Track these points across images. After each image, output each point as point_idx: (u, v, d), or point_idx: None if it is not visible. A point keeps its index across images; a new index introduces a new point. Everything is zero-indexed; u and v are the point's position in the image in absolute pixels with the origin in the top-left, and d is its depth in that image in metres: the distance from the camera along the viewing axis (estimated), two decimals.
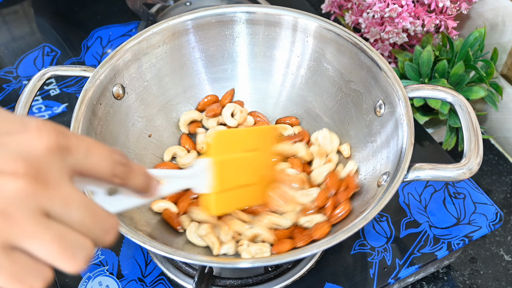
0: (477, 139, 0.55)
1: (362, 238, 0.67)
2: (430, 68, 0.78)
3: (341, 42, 0.66)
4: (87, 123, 0.60)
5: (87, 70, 0.64)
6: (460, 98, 0.58)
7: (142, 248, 0.66)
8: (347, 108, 0.68)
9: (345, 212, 0.59)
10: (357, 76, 0.66)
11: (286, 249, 0.57)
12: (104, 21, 0.96)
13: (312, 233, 0.58)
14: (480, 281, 0.71)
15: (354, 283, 0.63)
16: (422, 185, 0.71)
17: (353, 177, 0.63)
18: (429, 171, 0.54)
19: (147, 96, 0.69)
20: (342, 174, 0.64)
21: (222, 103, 0.72)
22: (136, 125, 0.67)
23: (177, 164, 0.67)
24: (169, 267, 0.64)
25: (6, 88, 0.86)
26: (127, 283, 0.64)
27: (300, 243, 0.58)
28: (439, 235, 0.67)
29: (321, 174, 0.64)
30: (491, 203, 0.69)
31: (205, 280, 0.60)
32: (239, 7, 0.70)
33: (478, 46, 0.78)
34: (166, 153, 0.68)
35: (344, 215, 0.59)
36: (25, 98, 0.61)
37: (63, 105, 0.83)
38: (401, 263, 0.64)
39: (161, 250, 0.51)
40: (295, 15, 0.68)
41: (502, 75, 0.84)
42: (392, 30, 0.79)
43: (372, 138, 0.64)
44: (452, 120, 0.77)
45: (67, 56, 0.91)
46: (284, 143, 0.67)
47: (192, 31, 0.70)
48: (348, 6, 0.89)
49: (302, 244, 0.58)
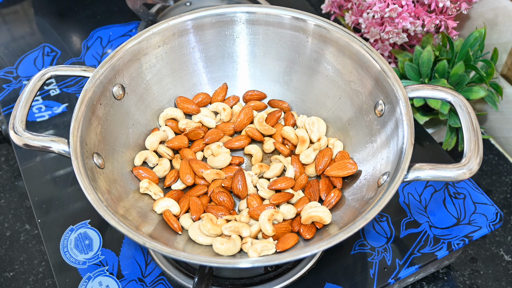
0: (477, 139, 0.55)
1: (362, 238, 0.67)
2: (430, 68, 0.78)
3: (341, 42, 0.66)
4: (87, 123, 0.60)
5: (87, 70, 0.64)
6: (460, 98, 0.58)
7: (142, 248, 0.66)
8: (347, 108, 0.68)
9: (337, 198, 0.61)
10: (357, 76, 0.66)
11: (291, 244, 0.57)
12: (104, 21, 0.96)
13: (316, 223, 0.59)
14: (480, 281, 0.71)
15: (354, 283, 0.63)
16: (422, 185, 0.71)
17: (345, 154, 0.65)
18: (429, 171, 0.54)
19: (147, 96, 0.69)
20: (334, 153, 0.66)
21: (214, 100, 0.72)
22: (136, 125, 0.67)
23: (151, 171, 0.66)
24: (169, 267, 0.64)
25: (6, 88, 0.86)
26: (127, 283, 0.64)
27: (308, 234, 0.58)
28: (439, 235, 0.67)
29: (309, 156, 0.65)
30: (491, 203, 0.69)
31: (205, 280, 0.60)
32: (239, 7, 0.70)
33: (478, 46, 0.78)
34: (137, 157, 0.66)
35: (337, 200, 0.61)
36: (25, 98, 0.61)
37: (63, 105, 0.83)
38: (401, 263, 0.64)
39: (161, 250, 0.51)
40: (295, 15, 0.68)
41: (502, 75, 0.84)
42: (392, 30, 0.79)
43: (372, 138, 0.64)
44: (452, 120, 0.77)
45: (67, 56, 0.91)
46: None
47: (192, 31, 0.70)
48: (348, 6, 0.89)
49: (310, 236, 0.58)
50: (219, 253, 0.57)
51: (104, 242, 0.67)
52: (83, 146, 0.58)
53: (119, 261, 0.65)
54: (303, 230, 0.59)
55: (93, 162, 0.58)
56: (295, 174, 0.65)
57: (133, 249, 0.66)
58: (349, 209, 0.60)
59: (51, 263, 0.65)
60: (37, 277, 0.73)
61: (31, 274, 0.74)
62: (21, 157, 0.76)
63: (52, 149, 0.58)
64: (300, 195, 0.63)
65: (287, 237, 0.58)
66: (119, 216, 0.54)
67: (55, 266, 0.65)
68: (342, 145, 0.67)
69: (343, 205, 0.61)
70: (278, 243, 0.57)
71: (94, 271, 0.64)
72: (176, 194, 0.64)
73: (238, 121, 0.69)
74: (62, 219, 0.69)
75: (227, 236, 0.59)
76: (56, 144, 0.58)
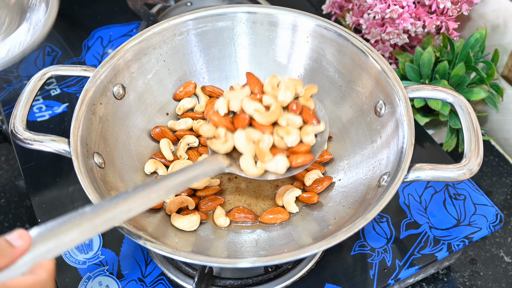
0: (478, 140, 0.55)
1: (362, 239, 0.67)
2: (430, 69, 0.78)
3: (342, 42, 0.66)
4: (88, 123, 0.60)
5: (87, 70, 0.64)
6: (460, 98, 0.58)
7: (142, 248, 0.66)
8: (347, 108, 0.68)
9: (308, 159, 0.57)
10: (357, 76, 0.66)
11: (303, 161, 0.55)
12: (105, 21, 0.96)
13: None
14: (480, 283, 0.71)
15: (354, 284, 0.63)
16: (423, 186, 0.71)
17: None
18: (430, 171, 0.54)
19: (147, 96, 0.69)
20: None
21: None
22: (136, 125, 0.67)
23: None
24: (169, 267, 0.64)
25: (6, 88, 0.87)
26: (127, 283, 0.64)
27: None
28: (439, 236, 0.66)
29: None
30: (491, 205, 0.69)
31: (205, 280, 0.60)
32: (239, 7, 0.70)
33: (479, 47, 0.78)
34: (147, 165, 0.66)
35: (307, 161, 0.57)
36: (25, 97, 0.61)
37: (63, 105, 0.83)
38: (401, 264, 0.64)
39: (161, 250, 0.51)
40: (295, 15, 0.68)
41: (502, 77, 0.84)
42: (393, 31, 0.79)
43: (373, 138, 0.64)
44: (452, 121, 0.77)
45: (68, 56, 0.91)
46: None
47: (192, 31, 0.70)
48: (349, 7, 0.89)
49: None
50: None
51: (104, 242, 0.67)
52: (84, 145, 0.58)
53: (119, 261, 0.65)
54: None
55: (93, 162, 0.58)
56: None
57: (133, 249, 0.66)
58: (347, 210, 0.60)
59: None
60: None
61: None
62: (21, 157, 0.76)
63: (52, 148, 0.58)
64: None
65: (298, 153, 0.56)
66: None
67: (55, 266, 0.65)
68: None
69: (339, 203, 0.61)
70: (289, 158, 0.56)
71: (94, 271, 0.64)
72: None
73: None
74: None
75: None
76: (56, 143, 0.58)
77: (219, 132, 0.56)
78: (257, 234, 0.62)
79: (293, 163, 0.56)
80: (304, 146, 0.56)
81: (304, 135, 0.56)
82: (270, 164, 0.55)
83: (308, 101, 0.58)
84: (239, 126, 0.56)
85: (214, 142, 0.56)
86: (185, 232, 0.61)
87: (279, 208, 0.63)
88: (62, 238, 0.41)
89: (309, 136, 0.56)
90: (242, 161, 0.55)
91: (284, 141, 0.55)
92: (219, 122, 0.56)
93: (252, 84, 0.58)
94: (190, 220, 0.61)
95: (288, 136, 0.55)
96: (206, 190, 0.65)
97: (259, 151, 0.55)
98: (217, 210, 0.63)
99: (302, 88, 0.58)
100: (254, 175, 0.55)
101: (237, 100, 0.56)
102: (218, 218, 0.62)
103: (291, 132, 0.55)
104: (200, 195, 0.64)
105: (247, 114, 0.56)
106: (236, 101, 0.56)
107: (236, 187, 0.66)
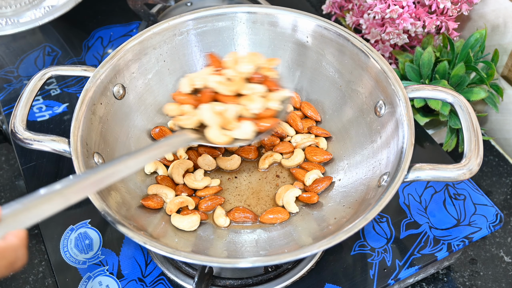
0: (477, 140, 0.55)
1: (362, 239, 0.67)
2: (430, 69, 0.78)
3: (342, 42, 0.66)
4: (88, 123, 0.60)
5: (87, 70, 0.64)
6: (460, 98, 0.58)
7: (142, 248, 0.66)
8: (347, 108, 0.68)
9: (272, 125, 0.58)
10: (357, 76, 0.66)
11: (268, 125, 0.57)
12: (105, 21, 0.96)
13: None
14: (480, 283, 0.71)
15: (354, 284, 0.63)
16: (422, 186, 0.71)
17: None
18: (429, 171, 0.54)
19: (147, 96, 0.69)
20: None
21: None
22: (136, 125, 0.68)
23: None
24: (169, 267, 0.64)
25: (7, 88, 0.87)
26: (127, 283, 0.64)
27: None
28: (439, 236, 0.66)
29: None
30: (491, 205, 0.69)
31: (205, 280, 0.60)
32: (239, 7, 0.70)
33: (479, 47, 0.78)
34: (147, 165, 0.66)
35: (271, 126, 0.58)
36: (25, 97, 0.61)
37: (63, 105, 0.83)
38: (401, 264, 0.64)
39: (161, 250, 0.51)
40: (295, 16, 0.69)
41: (502, 77, 0.84)
42: (392, 31, 0.79)
43: (372, 138, 0.64)
44: (452, 122, 0.77)
45: (68, 56, 0.91)
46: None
47: (192, 31, 0.70)
48: (349, 7, 0.89)
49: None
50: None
51: (104, 242, 0.67)
52: (84, 145, 0.58)
53: (119, 261, 0.65)
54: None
55: (93, 162, 0.58)
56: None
57: (133, 249, 0.66)
58: (347, 210, 0.60)
59: (51, 263, 0.65)
60: (37, 277, 0.73)
61: (31, 274, 0.74)
62: (21, 157, 0.76)
63: (52, 148, 0.58)
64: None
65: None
66: (119, 215, 0.54)
67: (55, 266, 0.65)
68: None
69: (337, 202, 0.61)
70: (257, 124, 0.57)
71: (94, 271, 0.64)
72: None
73: None
74: (62, 218, 0.69)
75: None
76: (56, 143, 0.58)
77: (184, 109, 0.58)
78: (257, 234, 0.62)
79: (260, 127, 0.57)
80: (269, 111, 0.58)
81: (269, 102, 0.58)
82: (237, 131, 0.57)
83: (270, 71, 0.60)
84: (204, 101, 0.58)
85: (180, 118, 0.58)
86: (185, 232, 0.61)
87: (279, 208, 0.63)
88: (33, 211, 0.43)
89: (274, 103, 0.58)
90: (209, 132, 0.57)
91: (249, 110, 0.57)
92: (184, 100, 0.58)
93: (215, 63, 0.61)
94: (190, 220, 0.61)
95: (252, 103, 0.57)
96: (206, 190, 0.65)
97: (224, 119, 0.57)
98: (217, 210, 0.63)
99: (263, 60, 0.60)
100: (222, 143, 0.57)
101: (199, 77, 0.59)
102: (218, 218, 0.62)
103: (254, 99, 0.57)
104: (200, 195, 0.65)
105: (211, 88, 0.58)
106: (199, 78, 0.59)
107: (236, 187, 0.66)
